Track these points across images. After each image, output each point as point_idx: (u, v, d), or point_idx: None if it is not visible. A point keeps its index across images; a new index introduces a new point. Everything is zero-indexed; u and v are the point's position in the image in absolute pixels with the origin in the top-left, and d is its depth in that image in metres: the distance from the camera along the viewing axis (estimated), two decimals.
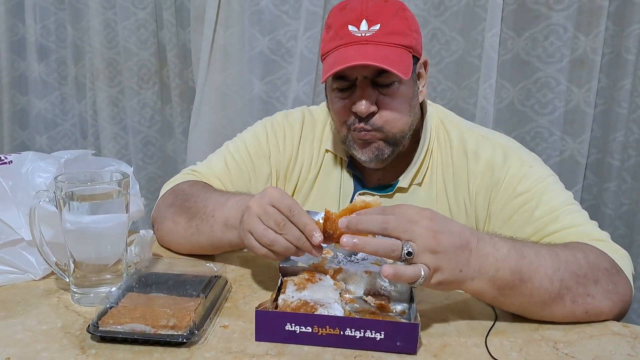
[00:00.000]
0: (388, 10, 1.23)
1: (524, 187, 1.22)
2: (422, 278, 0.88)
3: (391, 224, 0.89)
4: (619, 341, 0.95)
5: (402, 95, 1.26)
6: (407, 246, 0.88)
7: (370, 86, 1.24)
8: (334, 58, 1.22)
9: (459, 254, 0.90)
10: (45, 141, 2.78)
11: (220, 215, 1.17)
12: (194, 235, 1.23)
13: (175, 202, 1.31)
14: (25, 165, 1.14)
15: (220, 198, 1.21)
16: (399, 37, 1.22)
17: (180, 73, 2.49)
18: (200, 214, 1.22)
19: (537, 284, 0.95)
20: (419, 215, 0.90)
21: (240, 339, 0.91)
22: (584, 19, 1.95)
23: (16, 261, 1.10)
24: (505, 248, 0.95)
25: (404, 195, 1.34)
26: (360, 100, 1.23)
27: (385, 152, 1.28)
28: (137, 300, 0.94)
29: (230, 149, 1.44)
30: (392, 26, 1.22)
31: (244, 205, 1.07)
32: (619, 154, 1.98)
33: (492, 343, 0.92)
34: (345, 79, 1.25)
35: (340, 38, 1.23)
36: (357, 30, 1.22)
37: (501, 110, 2.08)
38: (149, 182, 2.64)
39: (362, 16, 1.22)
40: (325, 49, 1.27)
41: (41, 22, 2.66)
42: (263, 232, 0.99)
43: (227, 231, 1.15)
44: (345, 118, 1.28)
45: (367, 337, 0.88)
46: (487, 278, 0.93)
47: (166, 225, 1.29)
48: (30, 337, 0.90)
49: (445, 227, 0.91)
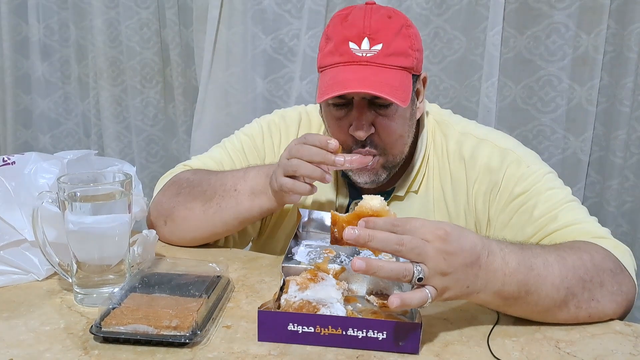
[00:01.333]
0: (391, 29, 1.19)
1: (521, 188, 1.21)
2: (429, 301, 0.86)
3: (405, 247, 0.85)
4: (621, 340, 0.95)
5: (400, 117, 1.23)
6: (418, 271, 0.85)
7: (367, 107, 1.21)
8: (332, 78, 1.19)
9: (468, 272, 0.88)
10: (48, 140, 2.78)
11: (243, 186, 1.23)
12: (216, 213, 1.25)
13: (181, 191, 1.30)
14: (28, 166, 1.14)
15: (238, 172, 1.28)
16: (401, 59, 1.19)
17: (183, 72, 2.49)
18: (219, 192, 1.25)
19: (543, 294, 0.94)
20: (432, 235, 0.86)
21: (243, 339, 0.91)
22: (585, 17, 1.94)
23: (19, 262, 1.10)
24: (515, 262, 0.93)
25: (400, 203, 1.33)
26: (358, 122, 1.20)
27: (382, 176, 1.27)
28: (139, 301, 0.95)
29: (227, 146, 1.45)
30: (394, 47, 1.18)
31: (268, 170, 1.22)
32: (621, 152, 1.98)
33: (494, 342, 0.92)
34: (342, 97, 1.20)
35: (339, 55, 1.19)
36: (358, 49, 1.18)
37: (503, 109, 2.08)
38: (153, 181, 2.64)
39: (364, 33, 1.18)
40: (323, 62, 1.23)
41: (44, 21, 2.67)
42: (296, 163, 1.11)
43: (256, 198, 1.22)
44: (343, 139, 1.23)
45: (370, 337, 0.88)
46: (493, 291, 0.92)
47: (179, 214, 1.28)
48: (34, 338, 0.90)
49: (458, 247, 0.87)
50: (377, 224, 0.89)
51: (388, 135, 1.23)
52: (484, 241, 0.92)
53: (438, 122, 1.36)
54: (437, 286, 0.87)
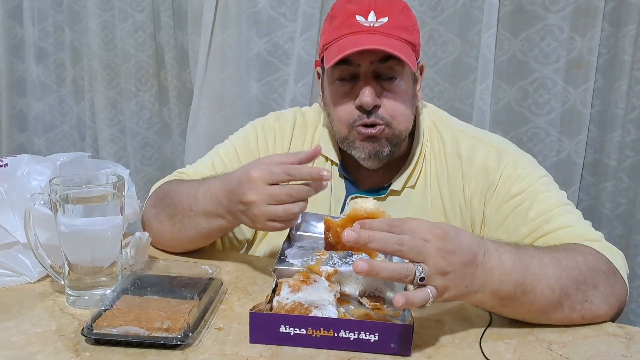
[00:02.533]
0: (396, 5, 1.24)
1: (518, 189, 1.22)
2: (430, 301, 0.86)
3: (406, 246, 0.84)
4: (613, 342, 0.95)
5: (404, 92, 1.25)
6: (419, 271, 0.84)
7: (373, 79, 1.23)
8: (340, 45, 1.20)
9: (466, 271, 0.88)
10: (43, 143, 2.78)
11: (196, 207, 1.18)
12: (181, 231, 1.23)
13: (156, 202, 1.31)
14: (21, 168, 1.14)
15: (190, 190, 1.21)
16: (406, 33, 1.22)
17: (178, 75, 2.49)
18: (179, 210, 1.22)
19: (539, 293, 0.94)
20: (431, 234, 0.86)
21: (235, 341, 0.91)
22: (579, 19, 1.95)
23: (11, 264, 1.10)
24: (511, 260, 0.93)
25: (397, 198, 1.33)
26: (365, 90, 1.21)
27: (385, 150, 1.26)
28: (131, 303, 0.94)
29: (220, 152, 1.44)
30: (399, 20, 1.22)
31: (216, 190, 1.13)
32: (615, 154, 1.98)
33: (487, 344, 0.92)
34: (348, 63, 1.22)
35: (346, 27, 1.21)
36: (365, 21, 1.20)
37: (498, 111, 2.08)
38: (147, 184, 2.65)
39: (371, 8, 1.21)
40: (328, 38, 1.24)
41: (39, 24, 2.67)
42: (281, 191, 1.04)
43: (212, 220, 1.17)
44: (348, 116, 1.25)
45: (361, 339, 0.88)
46: (489, 291, 0.92)
47: (154, 226, 1.29)
48: (25, 340, 0.90)
49: (456, 245, 0.87)
50: (373, 225, 0.89)
51: (393, 107, 1.24)
52: (480, 241, 0.92)
53: (434, 121, 1.37)
54: (437, 286, 0.86)
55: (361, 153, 1.27)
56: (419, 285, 0.86)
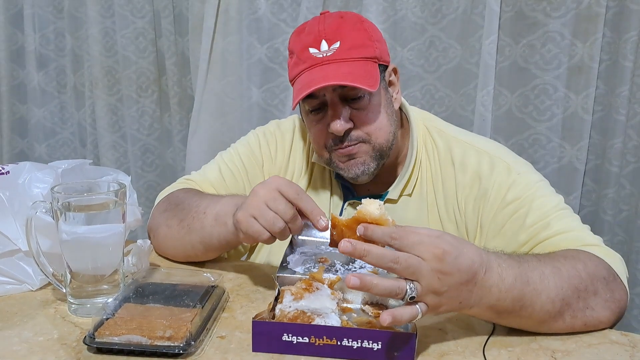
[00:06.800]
0: (345, 26, 1.24)
1: (513, 195, 1.21)
2: (419, 317, 0.86)
3: (400, 265, 0.85)
4: (617, 350, 0.94)
5: (375, 106, 1.26)
6: (411, 289, 0.85)
7: (341, 103, 1.24)
8: (300, 83, 1.23)
9: (461, 289, 0.88)
10: (44, 150, 2.78)
11: (211, 211, 1.20)
12: (186, 234, 1.23)
13: (168, 207, 1.31)
14: (23, 176, 1.14)
15: (215, 197, 1.26)
16: (361, 50, 1.23)
17: (179, 81, 2.49)
18: (192, 213, 1.23)
19: (538, 307, 0.94)
20: (429, 254, 0.85)
21: (237, 350, 0.90)
22: (581, 26, 1.94)
23: (13, 272, 1.10)
24: (512, 277, 0.92)
25: (394, 206, 1.33)
26: (333, 117, 1.24)
27: (371, 166, 1.28)
28: (133, 311, 0.94)
29: (225, 159, 1.45)
30: (351, 40, 1.23)
31: (238, 201, 1.13)
32: (617, 160, 1.98)
33: (490, 353, 0.92)
34: (314, 96, 1.24)
35: (302, 62, 1.24)
36: (318, 52, 1.23)
37: (499, 117, 2.08)
38: (148, 190, 2.65)
39: (321, 37, 1.23)
40: (291, 75, 1.28)
41: (40, 31, 2.67)
42: (271, 217, 1.03)
43: (217, 226, 1.18)
44: (324, 141, 1.28)
45: (365, 347, 0.87)
46: (486, 306, 0.91)
47: (161, 230, 1.29)
48: (27, 349, 0.90)
49: (454, 267, 0.86)
50: (375, 233, 0.89)
51: (366, 126, 1.25)
52: (483, 257, 0.90)
53: (428, 127, 1.37)
54: (429, 303, 0.87)
55: (347, 173, 1.29)
56: (408, 303, 0.86)
